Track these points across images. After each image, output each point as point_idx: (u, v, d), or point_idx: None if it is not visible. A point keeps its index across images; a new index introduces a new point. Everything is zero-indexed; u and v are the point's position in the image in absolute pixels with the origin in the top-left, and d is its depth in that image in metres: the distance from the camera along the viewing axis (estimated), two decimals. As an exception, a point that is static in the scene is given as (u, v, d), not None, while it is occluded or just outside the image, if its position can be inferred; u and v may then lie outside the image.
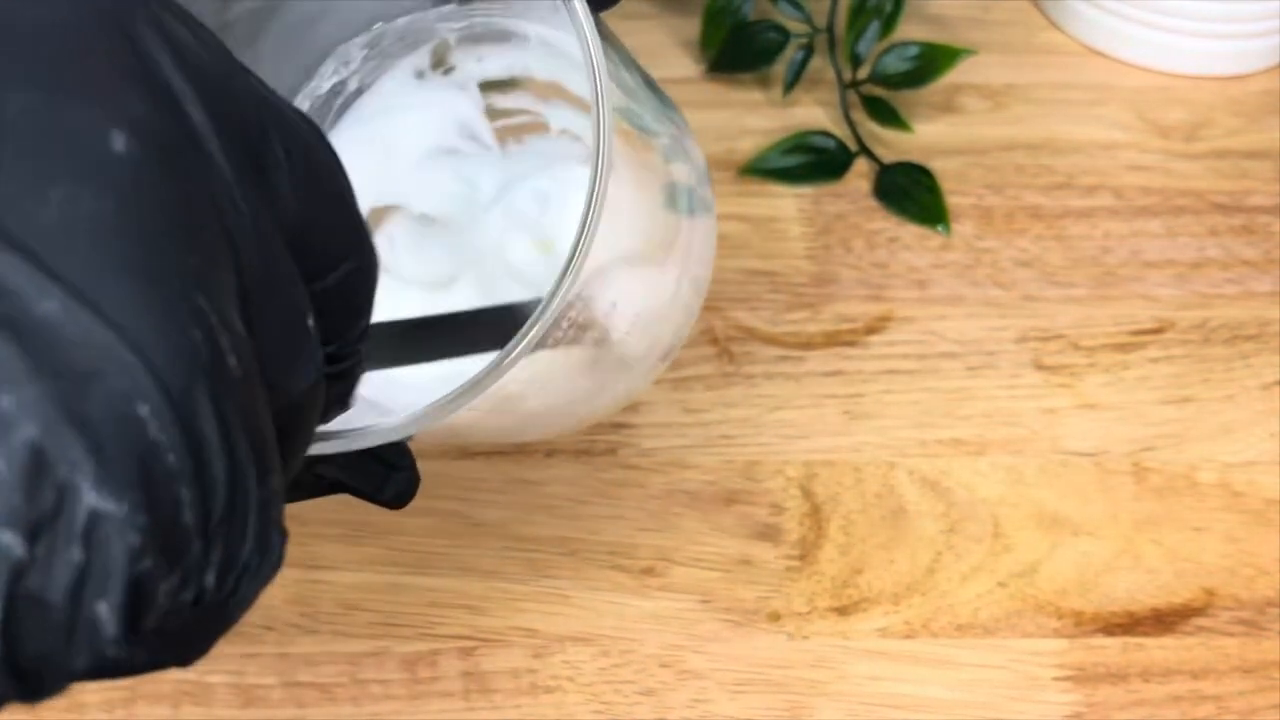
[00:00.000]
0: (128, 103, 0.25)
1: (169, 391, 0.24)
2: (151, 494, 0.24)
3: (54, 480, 0.23)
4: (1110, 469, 0.54)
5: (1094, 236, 0.61)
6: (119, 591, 0.24)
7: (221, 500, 0.25)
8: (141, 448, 0.24)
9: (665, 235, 0.43)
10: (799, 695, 0.49)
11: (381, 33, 0.47)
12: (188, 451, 0.24)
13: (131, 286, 0.24)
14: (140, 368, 0.24)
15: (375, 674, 0.49)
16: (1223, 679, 0.50)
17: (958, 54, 0.63)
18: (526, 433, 0.45)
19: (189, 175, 0.26)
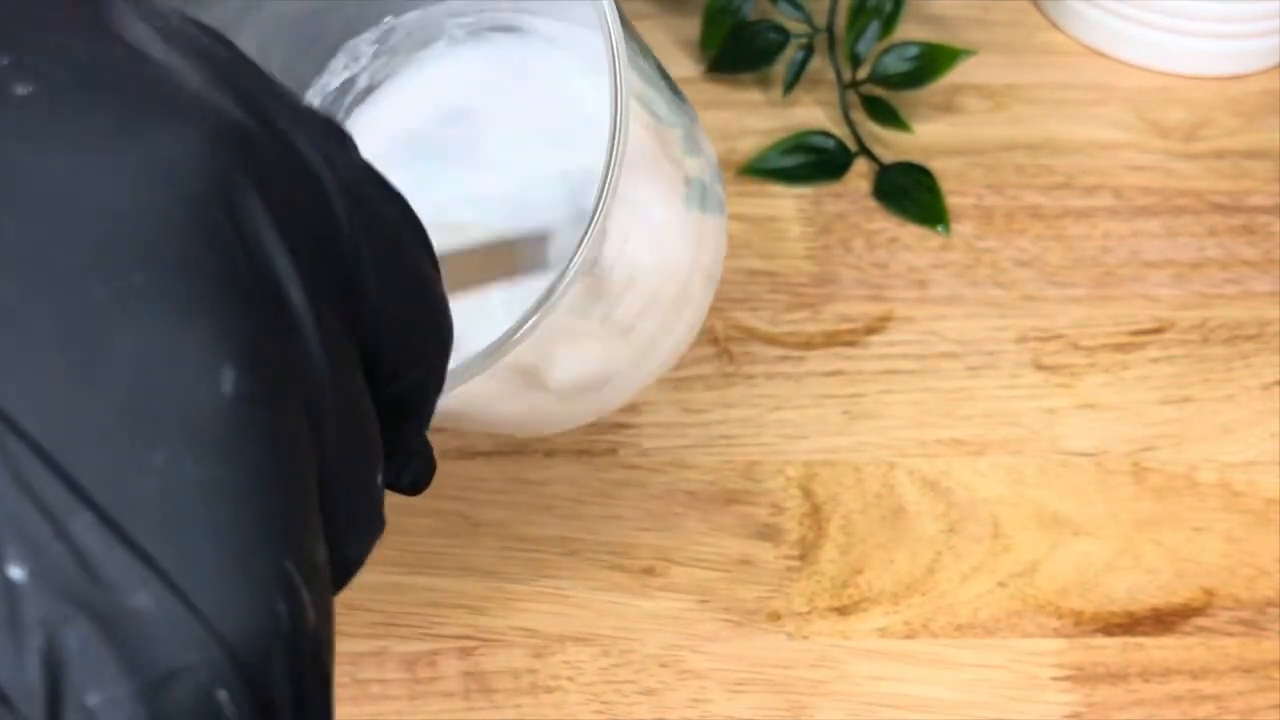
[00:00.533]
0: (239, 320, 0.24)
1: (247, 672, 0.24)
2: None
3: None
4: (1110, 469, 0.54)
5: (1094, 236, 0.61)
6: None
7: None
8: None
9: (681, 228, 0.43)
10: (799, 695, 0.49)
11: (391, 28, 0.48)
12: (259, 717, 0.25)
13: (223, 567, 0.24)
14: (224, 657, 0.24)
15: (375, 674, 0.49)
16: (1222, 679, 0.50)
17: (958, 54, 0.63)
18: (541, 419, 0.44)
19: (288, 394, 0.25)
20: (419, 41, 0.48)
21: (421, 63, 0.48)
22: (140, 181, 0.24)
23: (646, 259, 0.41)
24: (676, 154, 0.43)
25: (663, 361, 0.45)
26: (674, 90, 0.44)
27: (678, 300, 0.43)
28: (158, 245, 0.24)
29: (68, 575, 0.23)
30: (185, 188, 0.24)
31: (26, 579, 0.23)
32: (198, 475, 0.24)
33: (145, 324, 0.24)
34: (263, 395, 0.24)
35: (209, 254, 0.24)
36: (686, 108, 0.45)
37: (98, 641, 0.23)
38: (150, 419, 0.24)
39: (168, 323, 0.24)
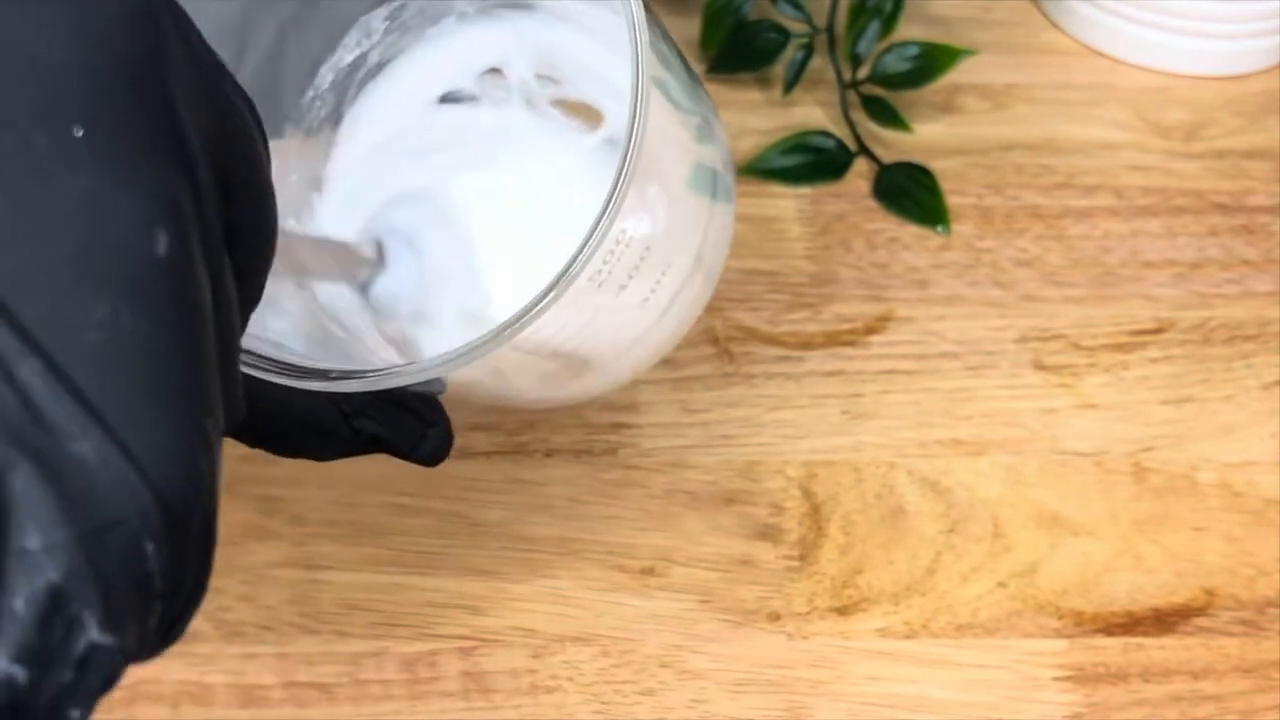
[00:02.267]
0: (167, 185, 0.25)
1: (173, 525, 0.25)
2: (139, 619, 0.25)
3: (65, 616, 0.24)
4: (1110, 469, 0.54)
5: (1094, 236, 0.61)
6: (93, 699, 0.25)
7: (184, 598, 0.26)
8: (141, 579, 0.25)
9: (688, 213, 0.43)
10: (799, 695, 0.49)
11: (403, 4, 0.48)
12: (172, 575, 0.25)
13: (159, 421, 0.25)
14: (156, 510, 0.24)
15: (375, 674, 0.49)
16: (1223, 679, 0.50)
17: (958, 54, 0.63)
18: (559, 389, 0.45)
19: (200, 255, 0.26)
20: (430, 17, 0.48)
21: (432, 39, 0.48)
22: (77, 37, 0.25)
23: (660, 230, 0.41)
24: (687, 139, 0.43)
25: (677, 331, 0.45)
26: (692, 77, 0.44)
27: (691, 270, 0.43)
28: (94, 100, 0.25)
29: (14, 419, 0.24)
30: (119, 46, 0.25)
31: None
32: (135, 330, 0.25)
33: (86, 177, 0.25)
34: (186, 259, 0.25)
35: (141, 115, 0.25)
36: (704, 96, 0.45)
37: (41, 486, 0.24)
38: (93, 271, 0.24)
39: (107, 178, 0.25)
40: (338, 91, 0.48)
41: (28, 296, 0.24)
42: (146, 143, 0.25)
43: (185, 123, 0.26)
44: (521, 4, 0.47)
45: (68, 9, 0.25)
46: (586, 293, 0.39)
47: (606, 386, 0.46)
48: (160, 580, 0.25)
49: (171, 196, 0.25)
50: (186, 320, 0.25)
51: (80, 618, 0.24)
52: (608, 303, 0.40)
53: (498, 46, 0.48)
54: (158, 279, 0.25)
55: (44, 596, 0.24)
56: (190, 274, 0.26)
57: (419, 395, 0.42)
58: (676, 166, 0.43)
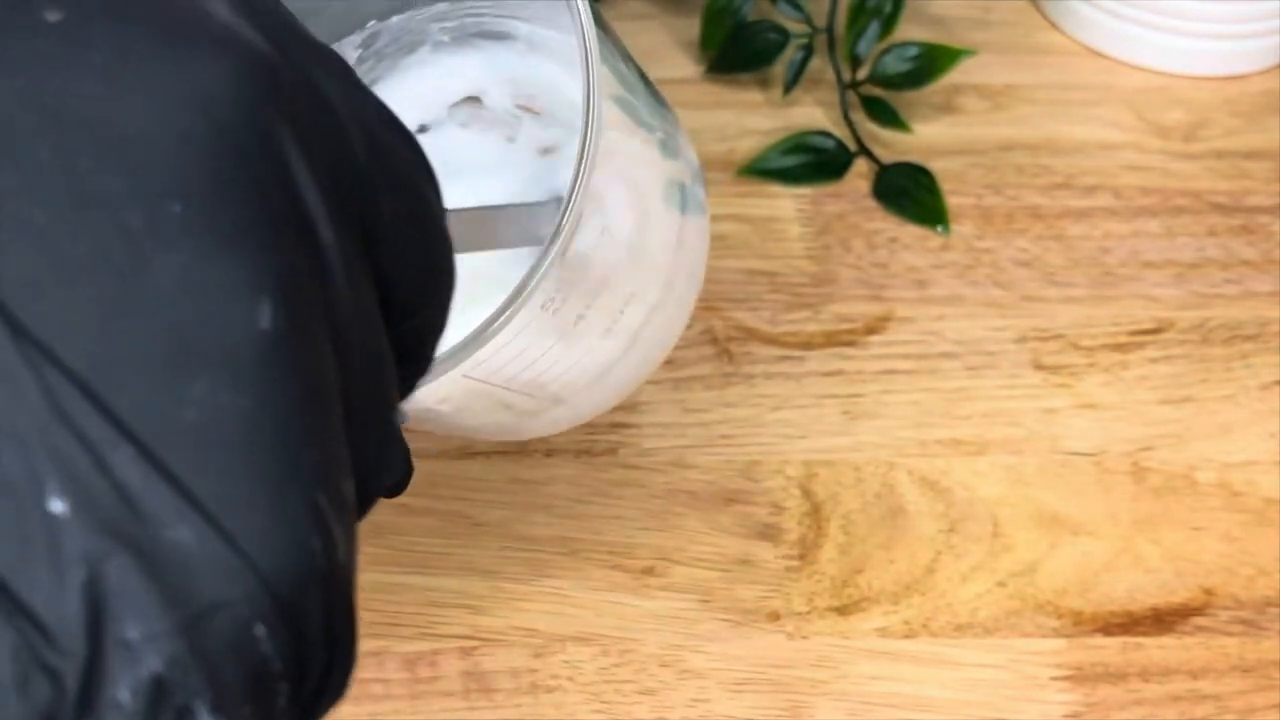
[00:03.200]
0: (275, 253, 0.24)
1: (284, 608, 0.24)
2: (257, 704, 0.25)
3: (174, 705, 0.24)
4: (1110, 469, 0.54)
5: (1093, 236, 0.61)
6: None
7: (315, 680, 0.26)
8: (254, 666, 0.24)
9: (661, 228, 0.43)
10: (799, 695, 0.49)
11: (376, 32, 0.48)
12: (294, 655, 0.25)
13: (260, 501, 0.24)
14: (261, 592, 0.24)
15: (376, 673, 0.49)
16: (1222, 678, 0.50)
17: (958, 54, 0.63)
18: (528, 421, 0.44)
19: (320, 325, 0.25)
20: (404, 46, 0.48)
21: (407, 68, 0.48)
22: (173, 109, 0.24)
23: (622, 256, 0.41)
24: (655, 157, 0.43)
25: (647, 360, 0.45)
26: (655, 95, 0.44)
27: (660, 298, 0.43)
28: (193, 174, 0.24)
29: (108, 508, 0.23)
30: (219, 116, 0.24)
31: (68, 512, 0.23)
32: (234, 408, 0.24)
33: (183, 254, 0.24)
34: (297, 330, 0.24)
35: (244, 185, 0.24)
36: (668, 113, 0.45)
37: (138, 575, 0.23)
38: (189, 350, 0.24)
39: (205, 253, 0.24)
40: None
41: (121, 382, 0.23)
42: (248, 212, 0.24)
43: (300, 183, 0.25)
44: (497, 34, 0.47)
45: (168, 78, 0.24)
46: (540, 320, 0.38)
47: (578, 418, 0.46)
48: (280, 663, 0.24)
49: (279, 266, 0.24)
50: (294, 394, 0.24)
51: (190, 707, 0.24)
52: (566, 331, 0.40)
53: (474, 76, 0.48)
54: (261, 353, 0.24)
55: (148, 687, 0.23)
56: (301, 344, 0.25)
57: None
58: (648, 186, 0.42)
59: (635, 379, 0.45)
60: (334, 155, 0.26)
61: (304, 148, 0.25)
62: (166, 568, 0.23)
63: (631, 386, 0.46)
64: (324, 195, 0.25)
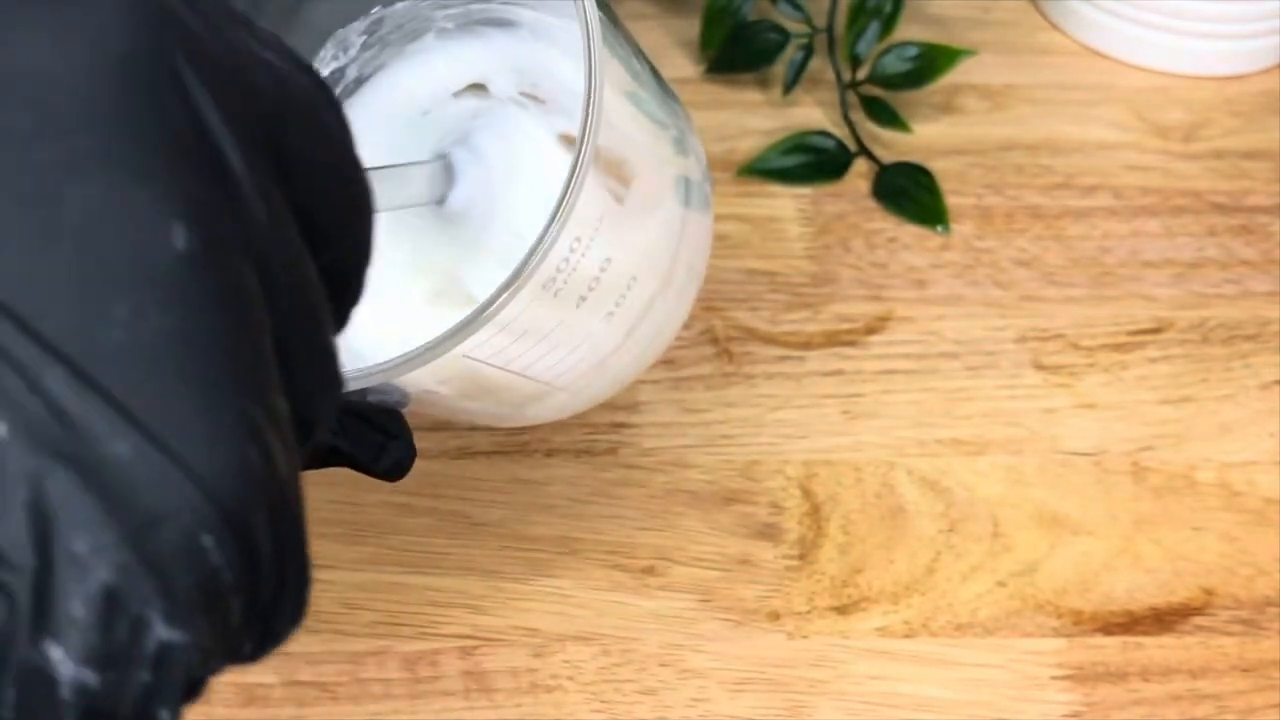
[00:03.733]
0: (182, 179, 0.25)
1: (229, 518, 0.25)
2: (212, 615, 0.25)
3: (128, 617, 0.24)
4: (1109, 469, 0.54)
5: (1093, 236, 0.61)
6: (178, 698, 0.25)
7: (269, 594, 0.26)
8: (205, 575, 0.25)
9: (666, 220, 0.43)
10: (799, 694, 0.49)
11: (380, 19, 0.48)
12: (244, 565, 0.25)
13: (196, 416, 0.25)
14: (204, 502, 0.24)
15: (376, 673, 0.49)
16: (1222, 678, 0.50)
17: (957, 54, 0.63)
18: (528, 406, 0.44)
19: (237, 250, 0.26)
20: (408, 34, 0.48)
21: (411, 55, 0.48)
22: (76, 46, 0.25)
23: (622, 240, 0.41)
24: (668, 153, 0.43)
25: (647, 349, 0.45)
26: (667, 91, 0.44)
27: (661, 286, 0.43)
28: (99, 108, 0.25)
29: (45, 428, 0.24)
30: (121, 51, 0.25)
31: (6, 433, 0.23)
32: (161, 326, 0.24)
33: (94, 184, 0.25)
34: (214, 251, 0.25)
35: (150, 116, 0.25)
36: (679, 109, 0.45)
37: (80, 490, 0.24)
38: (108, 274, 0.24)
39: (116, 182, 0.25)
40: None
41: (46, 308, 0.24)
42: (155, 141, 0.25)
43: (204, 111, 0.26)
44: (501, 21, 0.47)
45: (70, 17, 0.25)
46: (541, 302, 0.39)
47: (578, 406, 0.46)
48: (231, 574, 0.25)
49: (189, 191, 0.25)
50: (218, 311, 0.25)
51: (144, 616, 0.24)
52: (567, 315, 0.40)
53: (479, 64, 0.48)
54: (180, 273, 0.25)
55: (100, 597, 0.24)
56: (220, 263, 0.25)
57: (380, 408, 0.42)
58: (649, 176, 0.42)
59: (635, 368, 0.45)
60: (237, 86, 0.27)
61: (206, 79, 0.26)
62: (107, 482, 0.24)
63: (631, 375, 0.46)
64: (230, 125, 0.26)
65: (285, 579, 0.26)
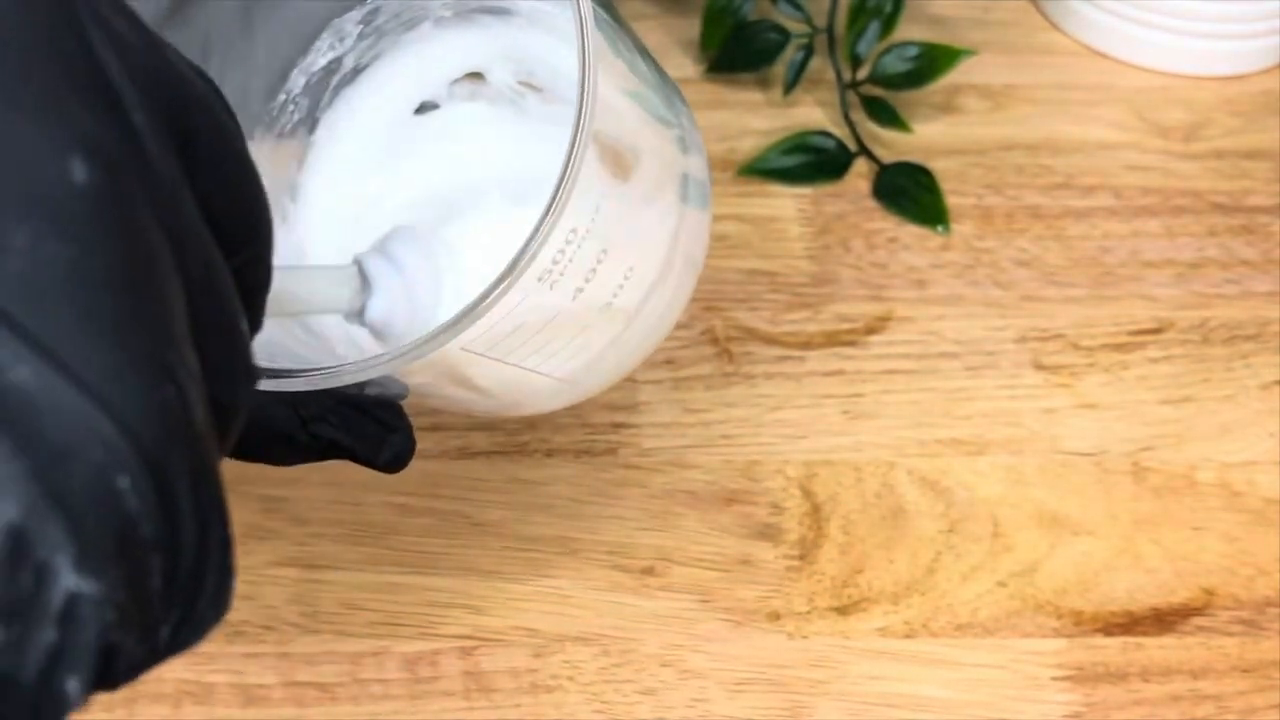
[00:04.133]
0: (82, 119, 0.24)
1: (147, 460, 0.23)
2: (128, 568, 0.23)
3: (33, 561, 0.22)
4: (1110, 469, 0.54)
5: (1093, 236, 0.61)
6: (90, 665, 0.23)
7: (189, 561, 0.24)
8: (120, 521, 0.23)
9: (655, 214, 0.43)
10: (799, 695, 0.49)
11: (376, 8, 0.47)
12: (164, 518, 0.24)
13: (104, 346, 0.23)
14: (119, 438, 0.23)
15: (376, 673, 0.49)
16: (1222, 678, 0.50)
17: (958, 54, 0.63)
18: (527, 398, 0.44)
19: (140, 197, 0.25)
20: (405, 23, 0.48)
21: (409, 44, 0.48)
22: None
23: (621, 231, 0.41)
24: (671, 151, 0.43)
25: (645, 341, 0.45)
26: (671, 89, 0.44)
27: (659, 278, 0.43)
28: (14, 39, 0.24)
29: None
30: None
31: None
32: (62, 256, 0.23)
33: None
34: (115, 189, 0.24)
35: (48, 56, 0.24)
36: (683, 107, 0.45)
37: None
38: (7, 195, 0.23)
39: (9, 116, 0.24)
40: (312, 96, 0.48)
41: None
42: (55, 80, 0.24)
43: (106, 63, 0.25)
44: (498, 9, 0.47)
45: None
46: (538, 293, 0.38)
47: (576, 397, 0.45)
48: (149, 525, 0.23)
49: (87, 128, 0.24)
50: (124, 251, 0.24)
51: (50, 563, 0.22)
52: (564, 305, 0.40)
53: (476, 52, 0.47)
54: (81, 205, 0.23)
55: (5, 537, 0.22)
56: (123, 205, 0.24)
57: (380, 401, 0.41)
58: (649, 170, 0.42)
59: (634, 358, 0.45)
60: (140, 55, 0.26)
61: (109, 36, 0.25)
62: (9, 409, 0.22)
63: (630, 366, 0.45)
64: (134, 85, 0.25)
65: (208, 549, 0.25)
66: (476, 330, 0.37)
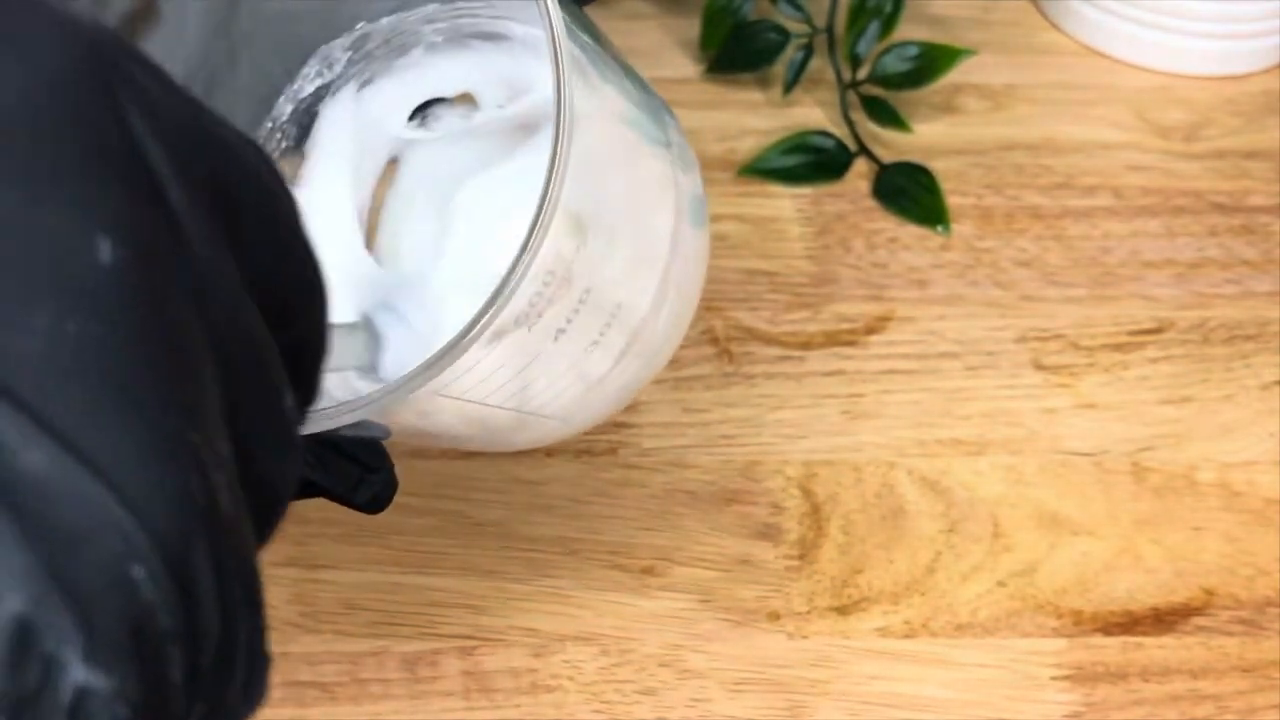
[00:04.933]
0: (111, 197, 0.23)
1: (164, 548, 0.22)
2: (142, 662, 0.22)
3: (40, 654, 0.21)
4: (1110, 469, 0.54)
5: (1093, 236, 0.61)
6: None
7: (212, 652, 0.24)
8: (134, 614, 0.22)
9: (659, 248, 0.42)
10: (798, 695, 0.49)
11: (365, 34, 0.47)
12: (182, 609, 0.23)
13: (123, 430, 0.22)
14: (134, 526, 0.22)
15: (376, 673, 0.49)
16: (1222, 678, 0.50)
17: (958, 54, 0.63)
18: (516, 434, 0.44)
19: (173, 277, 0.24)
20: (396, 49, 0.47)
21: (400, 70, 0.47)
22: (7, 64, 0.23)
23: (604, 268, 0.40)
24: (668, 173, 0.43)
25: (639, 374, 0.44)
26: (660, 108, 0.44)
27: (650, 312, 0.42)
28: (26, 121, 0.23)
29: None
30: (55, 71, 0.24)
31: None
32: (83, 336, 0.22)
33: (14, 193, 0.23)
34: (145, 270, 0.23)
35: (80, 133, 0.24)
36: (673, 122, 0.44)
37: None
38: (25, 284, 0.22)
39: (37, 193, 0.23)
40: (299, 123, 0.47)
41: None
42: (87, 158, 0.23)
43: (140, 137, 0.24)
44: (491, 34, 0.47)
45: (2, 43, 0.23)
46: (516, 336, 0.38)
47: (570, 431, 0.45)
48: (166, 616, 0.22)
49: (117, 207, 0.23)
50: (150, 332, 0.23)
51: (58, 656, 0.21)
52: (544, 347, 0.39)
53: (468, 78, 0.47)
54: (107, 287, 0.23)
55: (10, 629, 0.21)
56: (151, 285, 0.23)
57: (361, 441, 0.40)
58: (638, 200, 0.42)
59: (630, 390, 0.44)
60: (178, 128, 0.25)
61: (145, 111, 0.24)
62: (20, 497, 0.21)
63: (627, 397, 0.45)
64: (169, 159, 0.24)
65: (234, 639, 0.24)
66: (448, 376, 0.37)
